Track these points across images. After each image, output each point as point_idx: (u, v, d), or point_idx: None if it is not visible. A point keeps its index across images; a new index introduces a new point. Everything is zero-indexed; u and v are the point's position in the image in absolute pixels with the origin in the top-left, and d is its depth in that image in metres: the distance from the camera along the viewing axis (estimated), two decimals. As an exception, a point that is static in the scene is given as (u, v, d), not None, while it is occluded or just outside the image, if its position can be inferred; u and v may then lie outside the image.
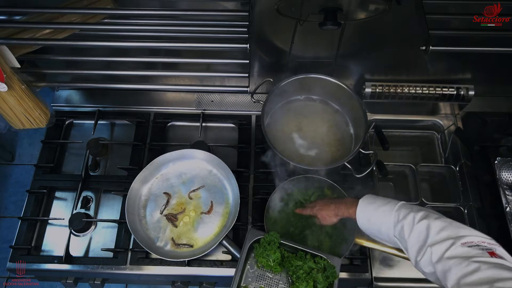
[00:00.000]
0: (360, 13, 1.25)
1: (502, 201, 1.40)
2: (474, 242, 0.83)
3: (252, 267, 1.19)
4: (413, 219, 0.93)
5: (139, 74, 1.37)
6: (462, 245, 0.83)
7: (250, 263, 1.20)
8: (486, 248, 0.81)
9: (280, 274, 1.18)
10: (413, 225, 0.92)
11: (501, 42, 1.12)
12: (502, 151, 1.50)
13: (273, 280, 1.17)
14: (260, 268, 1.19)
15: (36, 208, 1.45)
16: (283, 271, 1.18)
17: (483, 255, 0.79)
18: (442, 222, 0.90)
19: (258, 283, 1.17)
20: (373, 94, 1.57)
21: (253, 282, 1.17)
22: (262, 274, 1.18)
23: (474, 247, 0.82)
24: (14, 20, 1.17)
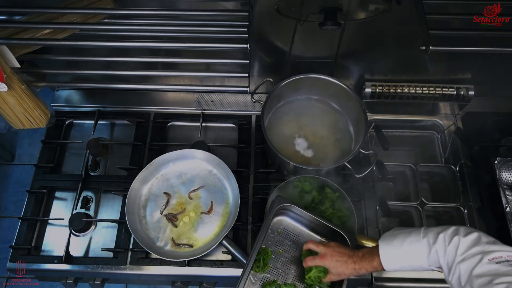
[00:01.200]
0: (360, 13, 1.25)
1: (502, 201, 1.40)
2: (503, 257, 0.79)
3: (273, 232, 1.28)
4: (443, 240, 0.89)
5: (139, 74, 1.37)
6: (489, 262, 0.79)
7: (271, 228, 1.28)
8: None
9: (297, 243, 1.26)
10: (445, 247, 0.88)
11: (501, 42, 1.12)
12: (502, 151, 1.50)
13: (291, 247, 1.26)
14: (280, 234, 1.27)
15: (36, 208, 1.45)
16: None
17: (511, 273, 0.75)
18: (471, 237, 0.86)
19: (277, 247, 1.26)
20: (373, 94, 1.57)
21: (272, 245, 1.26)
22: (281, 240, 1.27)
23: (503, 263, 0.77)
24: (14, 20, 1.17)
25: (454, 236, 0.88)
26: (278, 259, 1.24)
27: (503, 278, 0.74)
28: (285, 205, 1.24)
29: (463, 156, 1.55)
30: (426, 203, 1.47)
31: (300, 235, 1.29)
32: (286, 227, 1.30)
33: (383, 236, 1.04)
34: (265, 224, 1.21)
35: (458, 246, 0.86)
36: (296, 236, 1.29)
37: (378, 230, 1.41)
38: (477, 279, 0.77)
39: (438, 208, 1.53)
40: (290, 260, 1.24)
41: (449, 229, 0.91)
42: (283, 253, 1.25)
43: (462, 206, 1.46)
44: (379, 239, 1.04)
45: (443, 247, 0.89)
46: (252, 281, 1.19)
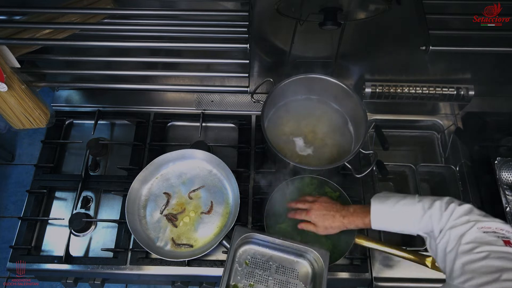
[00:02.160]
0: (360, 13, 1.25)
1: (502, 201, 1.40)
2: (492, 228, 0.82)
3: (240, 265, 1.19)
4: (440, 206, 0.91)
5: (139, 74, 1.36)
6: (478, 229, 0.82)
7: (238, 261, 1.20)
8: (503, 236, 0.79)
9: (269, 270, 1.18)
10: (441, 212, 0.90)
11: (501, 42, 1.12)
12: (502, 151, 1.50)
13: (263, 277, 1.18)
14: (249, 266, 1.19)
15: (36, 208, 1.45)
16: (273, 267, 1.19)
17: (496, 243, 0.77)
18: (465, 207, 0.89)
19: (248, 280, 1.17)
20: (373, 94, 1.57)
21: (242, 279, 1.17)
22: (251, 272, 1.18)
23: (490, 233, 0.80)
24: (14, 20, 1.17)
25: (450, 203, 0.91)
26: None
27: (486, 247, 0.77)
28: (246, 235, 1.17)
29: (463, 156, 1.55)
30: (426, 203, 1.47)
31: (270, 260, 1.20)
32: (254, 255, 1.20)
33: (376, 195, 1.05)
34: (228, 260, 1.13)
35: (452, 212, 0.89)
36: (267, 262, 1.20)
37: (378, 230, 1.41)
38: (464, 245, 0.80)
39: (438, 208, 1.53)
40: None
41: (445, 198, 0.94)
42: (255, 285, 1.16)
43: (462, 206, 1.46)
44: (374, 196, 1.05)
45: (439, 212, 0.91)
46: None
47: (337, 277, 1.33)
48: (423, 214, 0.93)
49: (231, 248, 1.16)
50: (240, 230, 1.18)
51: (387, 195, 1.04)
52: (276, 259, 1.21)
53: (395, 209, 0.99)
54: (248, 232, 1.18)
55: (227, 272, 1.13)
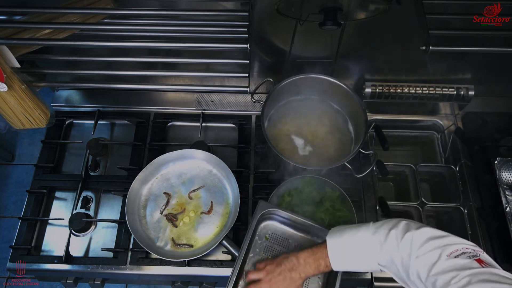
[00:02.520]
0: (360, 13, 1.25)
1: (502, 201, 1.40)
2: (459, 250, 0.79)
3: (260, 239, 1.23)
4: (395, 237, 0.87)
5: (139, 74, 1.36)
6: (448, 257, 0.79)
7: (259, 234, 1.24)
8: (473, 255, 0.77)
9: (288, 248, 1.21)
10: (398, 244, 0.87)
11: (501, 42, 1.12)
12: (502, 151, 1.50)
13: (281, 253, 1.21)
14: (268, 240, 1.23)
15: (36, 208, 1.45)
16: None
17: (471, 265, 0.75)
18: (424, 231, 0.85)
19: (266, 254, 1.21)
20: (373, 94, 1.57)
21: (261, 252, 1.21)
22: (270, 246, 1.22)
23: (460, 256, 0.78)
24: (14, 20, 1.17)
25: (406, 231, 0.87)
26: None
27: (464, 272, 0.74)
28: (269, 210, 1.20)
29: (463, 156, 1.55)
30: (426, 203, 1.47)
31: (290, 238, 1.24)
32: (274, 231, 1.25)
33: (330, 231, 1.01)
34: (248, 232, 1.17)
35: (411, 241, 0.85)
36: (286, 240, 1.24)
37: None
38: (440, 276, 0.77)
39: (438, 208, 1.53)
40: None
41: (400, 224, 0.89)
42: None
43: (462, 206, 1.46)
44: (327, 235, 1.00)
45: (396, 243, 0.87)
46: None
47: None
48: (380, 247, 0.90)
49: (253, 219, 1.20)
50: (263, 204, 1.21)
51: (341, 230, 0.99)
52: (296, 238, 1.25)
53: (351, 244, 0.95)
54: (271, 207, 1.21)
55: (246, 241, 1.16)
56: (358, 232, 0.95)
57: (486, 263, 0.76)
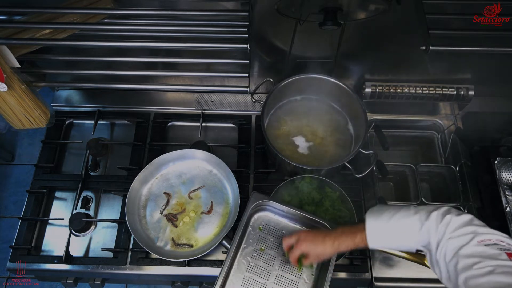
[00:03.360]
0: (360, 13, 1.25)
1: (502, 201, 1.40)
2: (492, 240, 0.78)
3: (254, 230, 1.25)
4: (436, 218, 0.87)
5: (139, 74, 1.36)
6: (478, 243, 0.78)
7: (252, 225, 1.25)
8: (505, 249, 0.76)
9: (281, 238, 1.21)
10: (437, 224, 0.86)
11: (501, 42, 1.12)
12: (502, 151, 1.50)
13: (274, 243, 1.23)
14: (262, 231, 1.24)
15: (36, 208, 1.45)
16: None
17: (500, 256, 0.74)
18: (463, 217, 0.85)
19: (259, 245, 1.22)
20: (373, 94, 1.57)
21: (254, 243, 1.22)
22: (263, 237, 1.24)
23: (491, 246, 0.77)
24: (14, 20, 1.17)
25: (446, 214, 0.87)
26: (260, 257, 1.20)
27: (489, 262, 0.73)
28: (262, 201, 1.22)
29: (463, 156, 1.55)
30: (426, 203, 1.47)
31: (284, 229, 1.25)
32: (268, 222, 1.26)
33: (370, 210, 1.00)
34: (241, 223, 1.19)
35: (449, 223, 0.85)
36: (279, 231, 1.25)
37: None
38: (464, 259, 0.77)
39: (438, 208, 1.53)
40: (273, 257, 1.20)
41: (442, 208, 0.89)
42: (266, 250, 1.21)
43: (462, 206, 1.46)
44: (366, 213, 1.00)
45: (435, 224, 0.87)
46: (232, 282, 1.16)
47: (337, 277, 1.33)
48: (421, 227, 0.89)
49: (246, 210, 1.21)
50: (256, 196, 1.22)
51: (381, 209, 0.98)
52: (290, 228, 1.26)
53: (390, 225, 0.93)
54: (264, 198, 1.22)
55: (239, 232, 1.18)
56: (398, 212, 0.94)
57: None
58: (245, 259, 1.19)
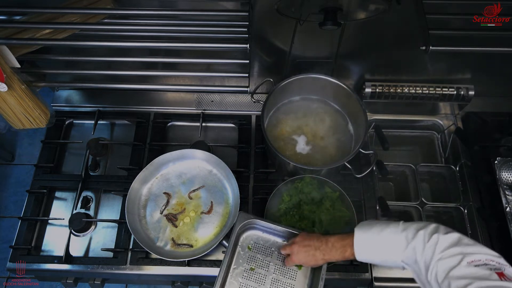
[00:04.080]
0: (360, 13, 1.25)
1: (502, 201, 1.40)
2: (482, 260, 0.78)
3: (243, 249, 1.23)
4: (423, 237, 0.87)
5: (139, 74, 1.37)
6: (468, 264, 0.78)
7: (241, 245, 1.23)
8: (495, 268, 0.76)
9: (271, 256, 1.21)
10: (424, 243, 0.87)
11: (501, 42, 1.12)
12: (502, 151, 1.50)
13: (264, 261, 1.21)
14: (251, 250, 1.22)
15: (36, 208, 1.45)
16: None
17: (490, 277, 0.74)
18: (451, 236, 0.85)
19: (249, 264, 1.20)
20: (373, 94, 1.57)
21: (244, 263, 1.20)
22: (253, 256, 1.22)
23: (481, 266, 0.77)
24: (14, 20, 1.17)
25: (433, 233, 0.87)
26: (251, 277, 1.18)
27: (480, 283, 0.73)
28: (249, 221, 1.20)
29: (463, 156, 1.55)
30: (426, 203, 1.47)
31: (273, 246, 1.23)
32: (257, 241, 1.24)
33: (360, 224, 1.02)
34: (229, 244, 1.17)
35: (437, 243, 0.85)
36: (269, 248, 1.23)
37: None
38: (456, 281, 0.77)
39: (438, 208, 1.53)
40: (264, 276, 1.18)
41: (429, 227, 0.89)
42: (256, 269, 1.19)
43: (462, 206, 1.46)
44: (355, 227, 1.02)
45: (422, 244, 0.87)
46: None
47: (337, 277, 1.33)
48: (406, 245, 0.90)
49: (233, 232, 1.19)
50: (242, 216, 1.20)
51: (371, 224, 1.00)
52: (279, 245, 1.24)
53: (378, 240, 0.95)
54: (250, 218, 1.21)
55: (228, 255, 1.16)
56: (387, 228, 0.95)
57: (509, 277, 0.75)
58: (236, 280, 1.17)
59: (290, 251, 1.13)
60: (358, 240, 0.98)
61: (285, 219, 1.31)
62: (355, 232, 1.00)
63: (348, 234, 1.03)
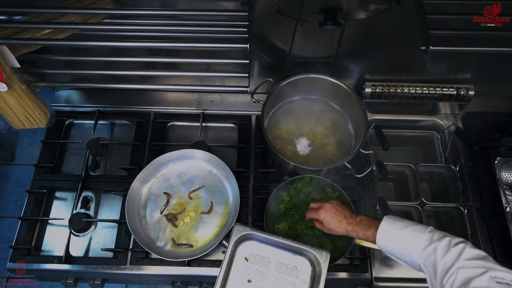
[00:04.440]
0: (360, 13, 1.25)
1: (502, 201, 1.40)
2: (506, 279, 0.76)
3: (240, 260, 1.19)
4: (449, 242, 0.87)
5: (139, 74, 1.37)
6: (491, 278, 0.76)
7: (237, 256, 1.19)
8: None
9: (268, 267, 1.18)
10: (449, 248, 0.86)
11: (501, 42, 1.12)
12: (502, 151, 1.50)
13: (262, 273, 1.18)
14: (248, 262, 1.19)
15: (36, 208, 1.45)
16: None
17: None
18: (479, 252, 0.84)
19: (246, 277, 1.17)
20: (373, 94, 1.57)
21: (241, 275, 1.17)
22: (250, 267, 1.18)
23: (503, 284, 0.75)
24: (14, 20, 1.17)
25: (461, 243, 0.86)
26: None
27: None
28: (245, 233, 1.17)
29: (463, 156, 1.55)
30: (426, 203, 1.47)
31: (270, 256, 1.19)
32: (254, 251, 1.20)
33: (389, 216, 1.04)
34: (226, 256, 1.14)
35: (462, 251, 0.84)
36: (267, 259, 1.18)
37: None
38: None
39: (438, 208, 1.53)
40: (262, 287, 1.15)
41: (458, 238, 0.89)
42: (254, 282, 1.15)
43: (462, 206, 1.46)
44: (385, 216, 1.03)
45: (446, 247, 0.86)
46: None
47: (337, 277, 1.33)
48: (429, 243, 0.89)
49: (229, 244, 1.16)
50: (238, 228, 1.18)
51: (400, 218, 1.02)
52: (277, 256, 1.20)
53: (402, 232, 0.96)
54: (246, 230, 1.18)
55: (223, 266, 1.13)
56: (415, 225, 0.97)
57: None
58: None
59: (321, 206, 1.15)
60: (384, 225, 1.00)
61: (285, 219, 1.31)
62: (384, 218, 1.02)
63: (376, 219, 1.05)
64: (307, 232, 1.28)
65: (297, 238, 1.28)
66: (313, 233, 1.27)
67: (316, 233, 1.27)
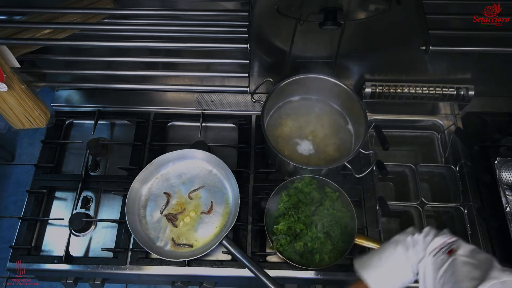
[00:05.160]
0: (360, 13, 1.25)
1: (502, 201, 1.40)
2: (437, 244, 0.83)
3: None
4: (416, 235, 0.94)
5: (139, 74, 1.37)
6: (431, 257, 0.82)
7: None
8: (448, 248, 0.80)
9: None
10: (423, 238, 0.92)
11: (501, 42, 1.12)
12: (502, 151, 1.50)
13: None
14: None
15: (36, 208, 1.45)
16: None
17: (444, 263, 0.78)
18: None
19: None
20: (373, 94, 1.57)
21: None
22: None
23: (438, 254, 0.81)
24: (14, 20, 1.17)
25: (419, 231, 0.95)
26: None
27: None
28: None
29: (463, 156, 1.55)
30: (426, 203, 1.47)
31: None
32: None
33: (357, 262, 1.05)
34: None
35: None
36: None
37: (378, 230, 1.41)
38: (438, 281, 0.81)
39: (438, 208, 1.53)
40: None
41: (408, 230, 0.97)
42: None
43: (462, 206, 1.46)
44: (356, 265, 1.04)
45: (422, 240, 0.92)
46: None
47: (337, 277, 1.33)
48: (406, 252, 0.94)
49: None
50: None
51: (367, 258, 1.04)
52: None
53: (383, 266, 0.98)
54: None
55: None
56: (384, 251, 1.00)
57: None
58: None
59: None
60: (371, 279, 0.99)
61: (283, 219, 1.31)
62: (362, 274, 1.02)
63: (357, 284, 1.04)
64: (306, 232, 1.28)
65: (296, 238, 1.28)
66: (311, 231, 1.27)
67: (314, 231, 1.27)
